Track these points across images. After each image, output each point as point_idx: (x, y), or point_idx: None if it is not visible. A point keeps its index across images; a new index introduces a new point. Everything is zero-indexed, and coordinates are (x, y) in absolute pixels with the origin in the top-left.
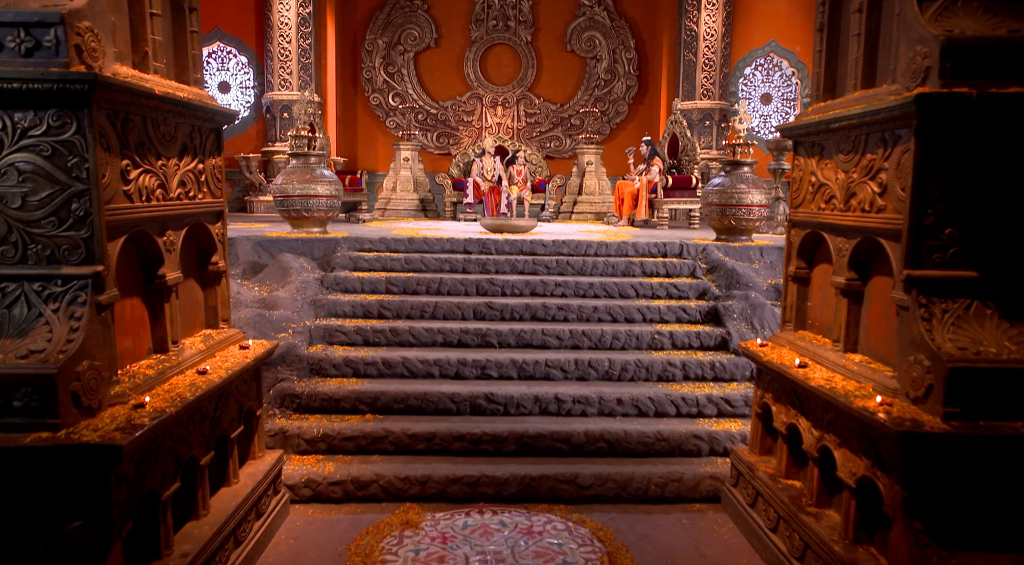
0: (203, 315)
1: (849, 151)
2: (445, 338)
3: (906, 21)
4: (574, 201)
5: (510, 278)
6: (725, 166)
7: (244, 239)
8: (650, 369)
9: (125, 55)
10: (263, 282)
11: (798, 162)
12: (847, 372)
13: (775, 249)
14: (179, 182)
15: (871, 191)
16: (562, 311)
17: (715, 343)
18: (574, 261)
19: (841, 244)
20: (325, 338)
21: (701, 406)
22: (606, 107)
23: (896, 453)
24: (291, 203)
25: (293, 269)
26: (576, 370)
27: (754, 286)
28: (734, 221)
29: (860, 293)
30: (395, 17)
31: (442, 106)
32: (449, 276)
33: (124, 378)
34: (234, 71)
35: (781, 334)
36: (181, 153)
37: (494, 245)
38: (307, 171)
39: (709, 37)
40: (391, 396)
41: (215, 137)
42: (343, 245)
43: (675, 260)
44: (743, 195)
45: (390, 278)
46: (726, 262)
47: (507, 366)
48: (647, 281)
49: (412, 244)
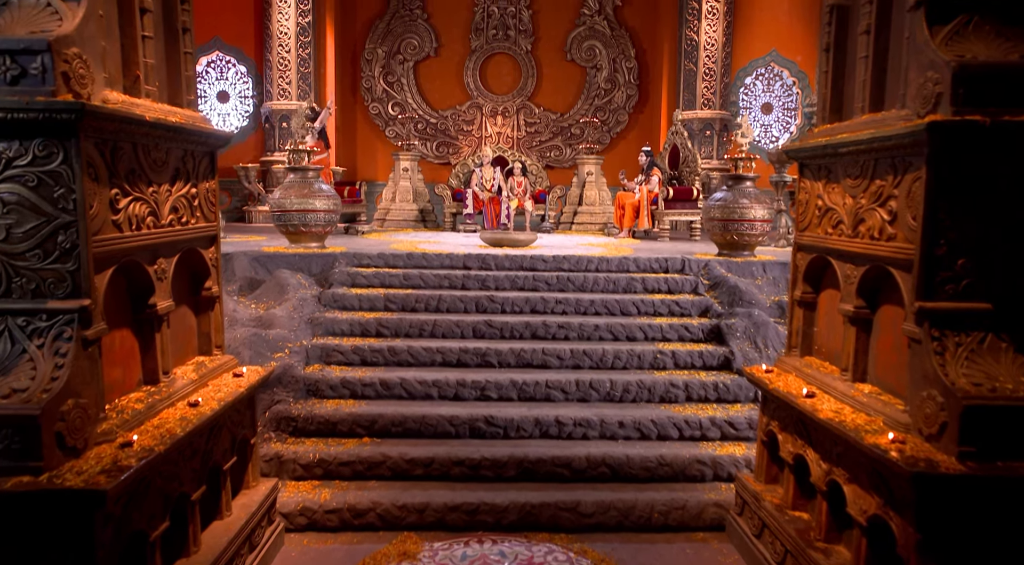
0: (196, 341)
1: (857, 176)
2: (444, 358)
3: (916, 45)
4: (574, 212)
5: (510, 295)
6: (727, 180)
7: (241, 254)
8: (652, 390)
9: (116, 79)
10: (260, 299)
11: (804, 184)
12: (856, 404)
13: (778, 265)
14: (171, 208)
15: (880, 218)
16: (563, 329)
17: (718, 363)
18: (575, 277)
19: (849, 271)
20: (322, 358)
21: (704, 429)
22: (606, 116)
23: (910, 493)
24: (288, 218)
25: (290, 286)
26: (577, 391)
27: (757, 303)
28: (736, 236)
29: (869, 321)
30: (395, 26)
31: (442, 115)
32: (448, 293)
33: (112, 414)
34: (233, 81)
35: (787, 360)
36: (173, 178)
37: (494, 260)
38: (305, 185)
39: (710, 46)
40: (389, 419)
41: (209, 160)
42: (341, 261)
43: (677, 276)
44: (745, 210)
45: (388, 295)
46: (728, 278)
47: (507, 387)
48: (649, 298)
49: (411, 260)
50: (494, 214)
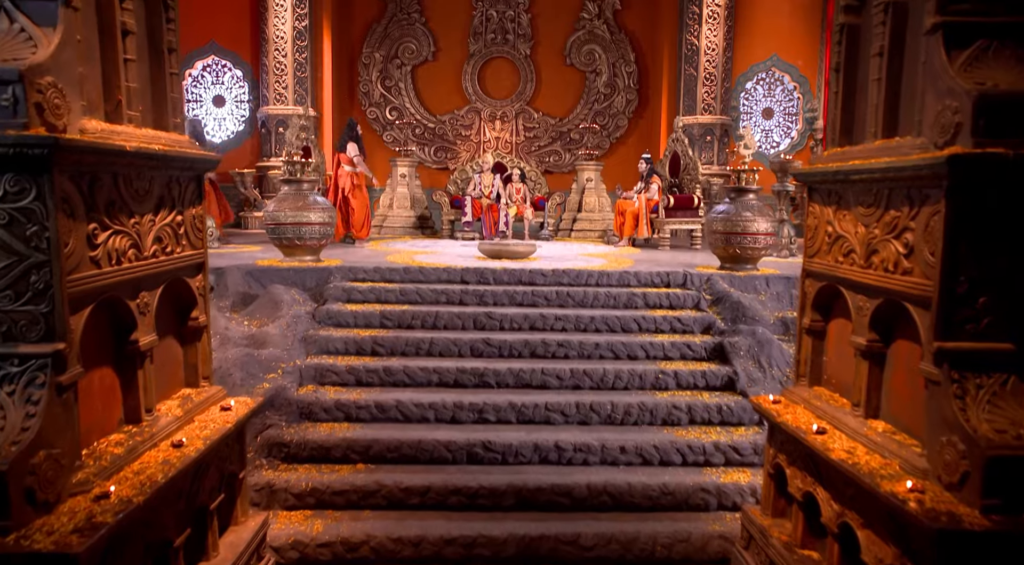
0: (182, 373)
1: (870, 205)
2: (441, 378)
3: (933, 70)
4: (574, 218)
5: (508, 311)
6: (729, 193)
7: (234, 268)
8: (654, 412)
9: (96, 105)
10: (253, 315)
11: (813, 209)
12: (870, 443)
13: (782, 279)
14: (155, 238)
15: (895, 250)
16: (562, 348)
17: (721, 383)
18: (575, 292)
19: (861, 303)
20: (316, 378)
21: (708, 454)
22: (606, 121)
23: (931, 548)
24: (283, 231)
25: (284, 302)
26: (577, 414)
27: (760, 320)
28: (739, 250)
29: (882, 355)
30: (392, 30)
31: (440, 120)
32: (445, 309)
33: (89, 461)
34: (229, 85)
35: (795, 390)
36: (157, 207)
37: (492, 275)
38: (299, 198)
39: (710, 51)
40: (384, 444)
41: (195, 185)
42: (336, 275)
43: (679, 291)
44: (748, 223)
45: (384, 312)
46: (731, 294)
47: (505, 410)
48: (650, 314)
49: (408, 274)
50: (492, 221)
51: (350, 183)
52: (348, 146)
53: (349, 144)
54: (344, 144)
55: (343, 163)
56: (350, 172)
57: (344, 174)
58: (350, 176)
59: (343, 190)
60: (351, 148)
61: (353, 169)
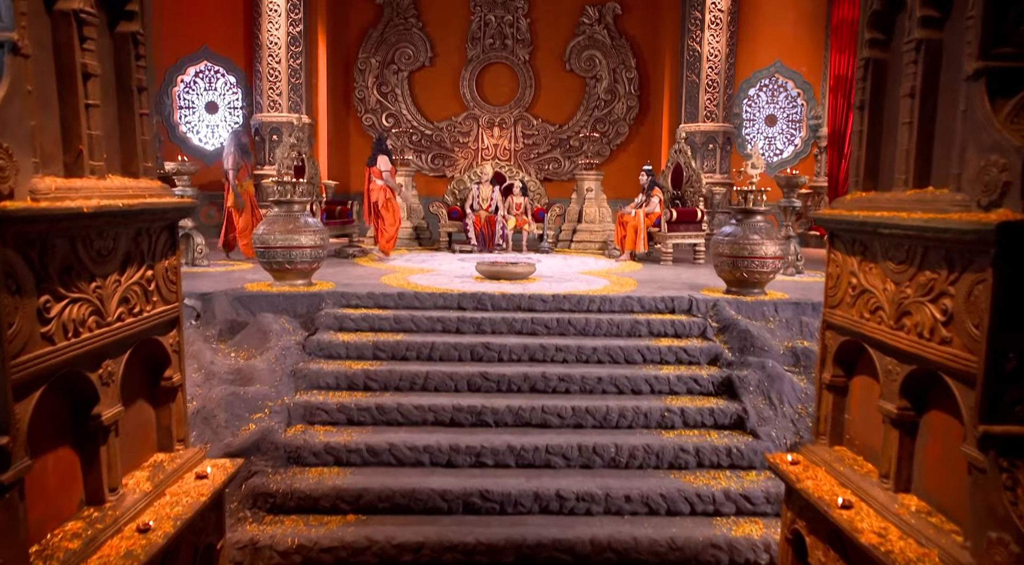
0: (155, 437)
1: (901, 261)
2: (436, 416)
3: (975, 121)
4: (574, 229)
5: (507, 341)
6: (736, 214)
7: (222, 294)
8: (660, 456)
9: (53, 158)
10: (240, 346)
11: (835, 257)
12: (903, 525)
13: (790, 305)
14: (120, 300)
15: (931, 316)
16: (563, 382)
17: (730, 421)
18: (576, 320)
19: (891, 366)
20: (305, 417)
21: (718, 503)
22: (606, 128)
23: None
24: (272, 255)
25: (273, 332)
26: (580, 457)
27: (770, 350)
28: (746, 274)
29: (914, 424)
30: (388, 35)
31: (437, 127)
32: (441, 339)
33: (37, 563)
34: (222, 91)
35: (815, 449)
36: (124, 265)
37: (490, 300)
38: (290, 220)
39: (713, 57)
40: (375, 493)
41: (168, 233)
42: (328, 301)
43: (684, 318)
44: (756, 246)
45: (377, 342)
46: (739, 322)
47: (504, 453)
48: (654, 344)
49: (402, 300)
50: (489, 234)
51: (383, 197)
52: (379, 159)
53: (380, 157)
54: (375, 158)
55: (374, 177)
56: (382, 186)
57: (376, 188)
58: (382, 190)
59: (376, 204)
60: (383, 161)
61: (384, 183)
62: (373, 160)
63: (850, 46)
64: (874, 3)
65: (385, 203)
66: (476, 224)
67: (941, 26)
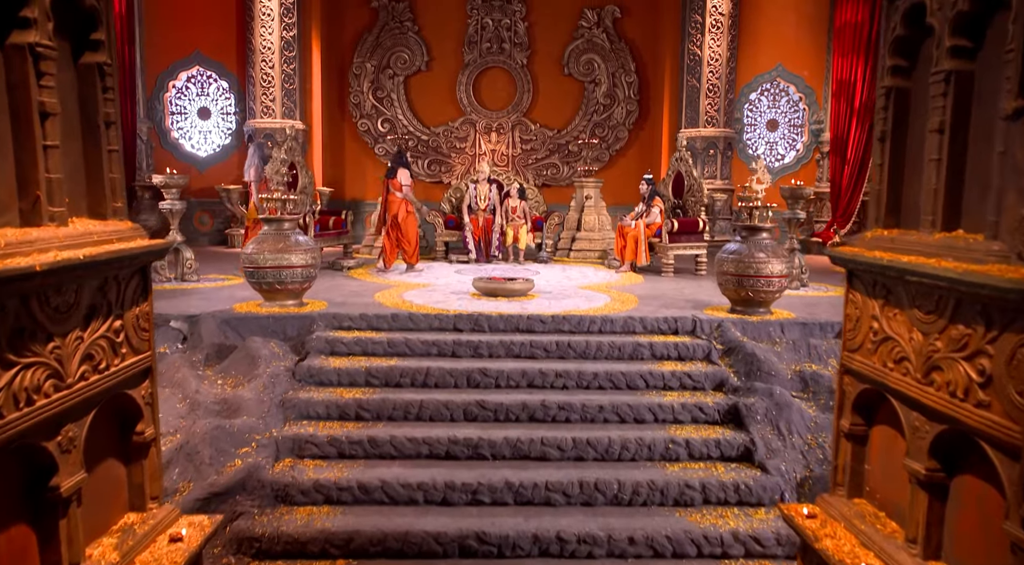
0: (125, 496)
1: (930, 311)
2: (431, 449)
3: (1015, 165)
4: (572, 238)
5: (505, 365)
6: (741, 231)
7: (209, 317)
8: (665, 492)
9: (8, 206)
10: (227, 372)
11: (853, 297)
12: None
13: (797, 325)
14: (84, 357)
15: (966, 375)
16: (564, 411)
17: (737, 453)
18: (576, 342)
19: (919, 423)
20: (294, 451)
21: (726, 545)
22: (605, 133)
23: None
24: (262, 275)
25: (262, 358)
26: (581, 494)
27: (777, 375)
28: (751, 293)
29: (945, 486)
30: (384, 39)
31: (433, 132)
32: (436, 364)
33: None
34: (214, 96)
35: (833, 501)
36: (87, 319)
37: (487, 321)
38: (280, 238)
39: (713, 62)
40: (367, 537)
41: (140, 278)
42: (320, 323)
43: (687, 340)
44: (762, 265)
45: (370, 368)
46: (745, 345)
47: (501, 490)
48: (657, 369)
49: (396, 321)
50: (487, 242)
51: (403, 210)
52: (399, 172)
53: (400, 170)
54: (394, 171)
55: (394, 189)
56: (402, 199)
57: (395, 200)
58: (402, 203)
59: (395, 216)
60: (403, 175)
61: (404, 196)
62: (393, 172)
63: (853, 50)
64: (896, 28)
65: (405, 216)
66: (475, 232)
67: (973, 56)
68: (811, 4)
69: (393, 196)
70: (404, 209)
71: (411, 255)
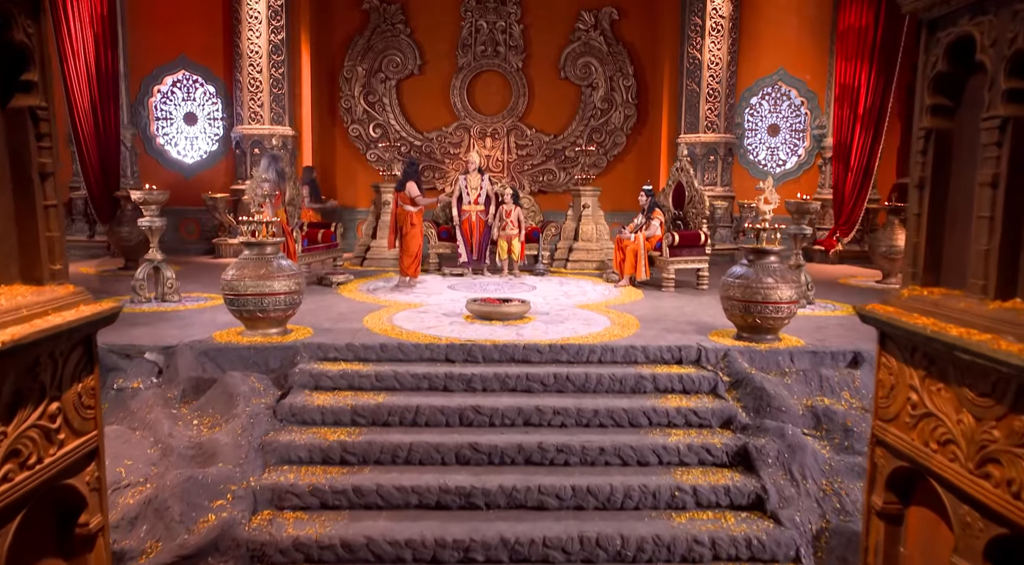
0: None
1: (985, 394)
2: (421, 499)
3: None
4: (570, 248)
5: (500, 401)
6: (747, 254)
7: (186, 348)
8: (672, 549)
9: None
10: (204, 411)
11: (887, 361)
12: None
13: (807, 353)
14: (7, 455)
15: None
16: (562, 453)
17: (748, 501)
18: (575, 375)
19: (970, 519)
20: (273, 502)
21: None
22: (603, 138)
23: None
24: (243, 303)
25: (240, 395)
26: (581, 550)
27: (788, 411)
28: (759, 320)
29: None
30: (375, 42)
31: (427, 138)
32: (427, 400)
33: None
34: (201, 101)
35: None
36: (11, 410)
37: (481, 352)
38: (262, 264)
39: (714, 65)
40: None
41: (83, 350)
42: (304, 353)
43: (692, 372)
44: (770, 291)
45: (356, 407)
46: (753, 377)
47: (496, 547)
48: (661, 405)
49: (385, 352)
50: (478, 243)
51: (408, 223)
52: (408, 185)
53: (409, 183)
54: (404, 183)
55: (403, 203)
56: (411, 212)
57: (403, 213)
58: (408, 215)
59: (400, 229)
60: (412, 187)
61: (414, 209)
62: (402, 185)
63: (856, 54)
64: (937, 63)
65: (409, 230)
66: (466, 236)
67: None
68: (813, 7)
69: (401, 209)
70: (409, 222)
71: (409, 267)
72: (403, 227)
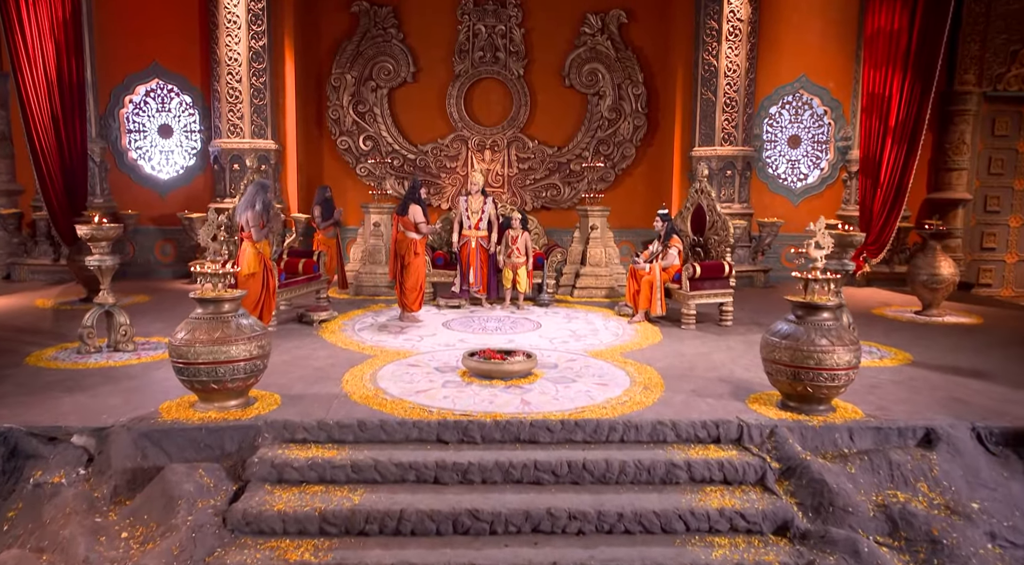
0: None
1: None
2: None
3: None
4: (576, 273)
5: (503, 500)
6: (795, 310)
7: (123, 431)
8: None
9: None
10: (137, 518)
11: None
12: None
13: (869, 430)
14: None
15: None
16: None
17: None
18: (592, 462)
19: None
20: None
21: None
22: (610, 150)
23: None
24: (193, 372)
25: (183, 498)
26: None
27: (856, 512)
28: (811, 388)
29: None
30: (366, 48)
31: (421, 150)
32: (413, 500)
33: None
34: (176, 112)
35: None
36: None
37: (479, 430)
38: (217, 325)
39: (731, 73)
40: None
41: None
42: (267, 434)
43: (734, 455)
44: (824, 354)
45: (326, 513)
46: (810, 465)
47: None
48: (700, 505)
49: (364, 431)
50: (482, 275)
51: (411, 251)
52: (411, 209)
53: (412, 207)
54: (406, 207)
55: (406, 228)
56: (415, 239)
57: (404, 240)
58: (411, 243)
59: (402, 258)
60: (416, 212)
61: (418, 236)
62: (404, 209)
63: (887, 61)
64: None
65: (412, 259)
66: (463, 264)
67: None
68: (838, 9)
69: (402, 235)
70: (412, 251)
71: (413, 302)
72: (405, 256)
